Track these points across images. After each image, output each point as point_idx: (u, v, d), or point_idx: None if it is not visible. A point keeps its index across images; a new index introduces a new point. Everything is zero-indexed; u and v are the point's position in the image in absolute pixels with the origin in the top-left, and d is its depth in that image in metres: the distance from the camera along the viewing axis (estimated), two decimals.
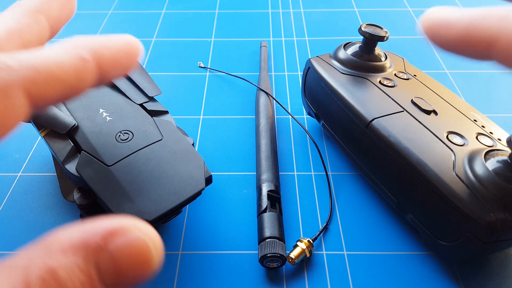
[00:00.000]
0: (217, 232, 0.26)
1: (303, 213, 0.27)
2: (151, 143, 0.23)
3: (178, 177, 0.22)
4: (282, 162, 0.30)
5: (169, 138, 0.24)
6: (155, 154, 0.23)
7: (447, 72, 0.39)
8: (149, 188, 0.21)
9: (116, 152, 0.23)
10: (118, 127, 0.24)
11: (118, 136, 0.23)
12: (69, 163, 0.23)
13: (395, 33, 0.45)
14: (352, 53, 0.29)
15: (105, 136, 0.23)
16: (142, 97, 0.27)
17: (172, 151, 0.23)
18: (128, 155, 0.23)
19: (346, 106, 0.26)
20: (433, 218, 0.22)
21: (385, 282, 0.23)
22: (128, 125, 0.24)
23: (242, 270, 0.24)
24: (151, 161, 0.22)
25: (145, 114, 0.25)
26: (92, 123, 0.24)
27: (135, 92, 0.27)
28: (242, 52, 0.42)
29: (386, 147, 0.24)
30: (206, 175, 0.22)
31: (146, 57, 0.42)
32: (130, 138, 0.23)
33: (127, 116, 0.25)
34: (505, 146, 0.23)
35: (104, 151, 0.23)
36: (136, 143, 0.23)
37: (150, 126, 0.24)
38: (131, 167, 0.22)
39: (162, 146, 0.23)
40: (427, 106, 0.25)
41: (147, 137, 0.24)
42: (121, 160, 0.22)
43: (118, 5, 0.51)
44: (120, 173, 0.22)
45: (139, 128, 0.24)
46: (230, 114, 0.35)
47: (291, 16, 0.48)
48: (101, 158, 0.22)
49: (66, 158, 0.23)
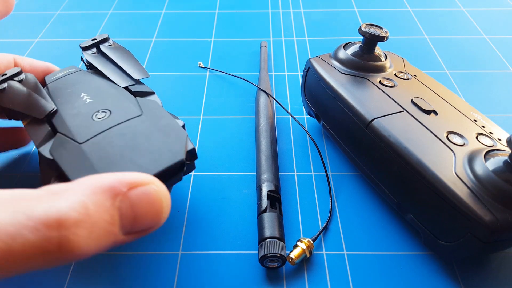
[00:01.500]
0: (217, 232, 0.26)
1: (303, 213, 0.27)
2: (128, 119, 0.22)
3: (153, 149, 0.20)
4: (282, 162, 0.30)
5: (149, 114, 0.22)
6: (131, 129, 0.21)
7: (447, 72, 0.39)
8: (120, 161, 0.19)
9: (90, 130, 0.21)
10: (96, 107, 0.23)
11: (95, 115, 0.22)
12: (43, 146, 0.21)
13: (395, 33, 0.45)
14: (352, 53, 0.29)
15: (81, 116, 0.22)
16: (128, 80, 0.25)
17: (151, 126, 0.21)
18: (102, 131, 0.21)
19: (346, 106, 0.26)
20: (433, 218, 0.22)
21: (385, 282, 0.23)
22: (107, 105, 0.23)
23: (242, 270, 0.24)
24: (125, 135, 0.21)
25: (127, 94, 0.24)
26: (71, 106, 0.23)
27: (120, 76, 0.26)
28: (242, 52, 0.42)
29: (386, 147, 0.24)
30: (187, 148, 0.20)
31: (146, 57, 0.42)
32: (107, 116, 0.22)
33: (107, 97, 0.24)
34: (505, 146, 0.23)
35: (78, 130, 0.21)
36: (112, 119, 0.22)
37: (131, 104, 0.23)
38: (103, 143, 0.21)
39: (140, 121, 0.22)
40: (427, 106, 0.25)
41: (125, 113, 0.22)
42: (94, 137, 0.21)
43: (118, 5, 0.51)
44: (91, 149, 0.20)
45: (118, 107, 0.23)
46: (230, 114, 0.35)
47: (291, 16, 0.48)
48: (74, 137, 0.21)
49: (41, 141, 0.22)
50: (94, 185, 0.14)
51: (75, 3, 0.52)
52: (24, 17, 0.49)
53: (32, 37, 0.45)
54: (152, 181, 0.15)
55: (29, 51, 0.43)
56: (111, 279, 0.23)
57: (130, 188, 0.15)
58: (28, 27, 0.47)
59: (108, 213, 0.14)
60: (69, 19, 0.48)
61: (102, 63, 0.27)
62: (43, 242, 0.12)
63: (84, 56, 0.28)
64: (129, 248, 0.25)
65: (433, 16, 0.49)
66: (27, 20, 0.48)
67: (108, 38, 0.29)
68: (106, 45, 0.29)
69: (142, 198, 0.15)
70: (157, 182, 0.15)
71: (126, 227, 0.15)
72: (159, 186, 0.15)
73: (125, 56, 0.28)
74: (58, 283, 0.23)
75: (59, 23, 0.48)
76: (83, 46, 0.28)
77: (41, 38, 0.45)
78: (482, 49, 0.43)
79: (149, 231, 0.15)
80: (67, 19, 0.48)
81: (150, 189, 0.15)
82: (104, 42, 0.29)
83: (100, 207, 0.14)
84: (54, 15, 0.49)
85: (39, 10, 0.50)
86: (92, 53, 0.28)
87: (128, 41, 0.44)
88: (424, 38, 0.44)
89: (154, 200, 0.15)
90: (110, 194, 0.14)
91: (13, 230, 0.12)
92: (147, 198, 0.15)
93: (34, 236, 0.12)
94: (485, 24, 0.47)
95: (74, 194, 0.14)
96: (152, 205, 0.15)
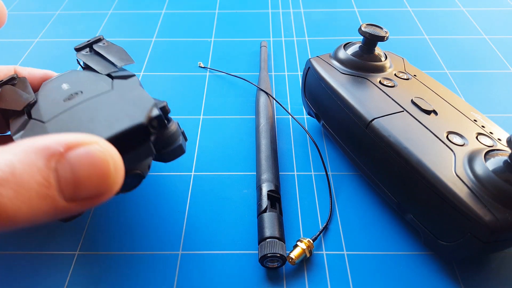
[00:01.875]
0: (217, 232, 0.26)
1: (303, 213, 0.27)
2: (96, 95, 0.21)
3: (110, 118, 0.18)
4: (282, 162, 0.30)
5: (120, 89, 0.21)
6: (96, 103, 0.20)
7: (447, 72, 0.39)
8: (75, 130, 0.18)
9: (57, 109, 0.21)
10: (70, 91, 0.22)
11: (67, 98, 0.22)
12: (17, 134, 0.21)
13: (395, 33, 0.45)
14: (352, 53, 0.29)
15: (54, 100, 0.22)
16: (110, 68, 0.25)
17: (117, 98, 0.20)
18: (68, 109, 0.20)
19: (346, 106, 0.26)
20: (433, 218, 0.22)
21: (385, 282, 0.23)
22: (81, 87, 0.23)
23: (242, 270, 0.24)
24: (88, 109, 0.20)
25: (104, 77, 0.23)
26: (49, 95, 0.23)
27: (104, 65, 0.25)
28: (242, 52, 0.42)
29: (386, 147, 0.24)
30: (151, 113, 0.18)
31: (146, 57, 0.42)
32: (78, 95, 0.22)
33: (84, 83, 0.23)
34: (505, 146, 0.23)
35: (47, 112, 0.21)
36: (82, 98, 0.21)
37: (103, 83, 0.22)
38: (66, 119, 0.20)
39: (108, 96, 0.21)
40: (427, 106, 0.25)
41: (95, 91, 0.22)
42: (59, 115, 0.20)
43: (118, 5, 0.51)
44: (53, 127, 0.19)
45: (90, 87, 0.22)
46: (230, 114, 0.35)
47: (291, 16, 0.48)
48: (41, 118, 0.21)
49: (16, 130, 0.21)
50: (27, 145, 0.13)
51: (75, 3, 0.52)
52: (24, 17, 0.49)
53: (32, 37, 0.45)
54: (96, 141, 0.14)
55: (29, 51, 0.43)
56: (111, 279, 0.23)
57: (69, 148, 0.13)
58: (28, 27, 0.47)
59: (40, 174, 0.13)
60: (69, 19, 0.48)
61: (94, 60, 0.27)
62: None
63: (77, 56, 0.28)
64: (129, 248, 0.25)
65: (433, 16, 0.49)
66: (27, 20, 0.48)
67: (102, 38, 0.29)
68: (100, 45, 0.28)
69: (83, 159, 0.13)
70: (102, 142, 0.14)
71: (67, 192, 0.13)
72: (104, 146, 0.14)
73: (115, 50, 0.27)
74: (58, 283, 0.23)
75: (59, 23, 0.48)
76: (77, 48, 0.28)
77: (41, 38, 0.45)
78: (482, 49, 0.43)
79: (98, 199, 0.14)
80: (67, 19, 0.48)
81: (93, 149, 0.13)
82: (98, 42, 0.29)
83: (30, 166, 0.12)
84: (54, 15, 0.49)
85: (39, 10, 0.50)
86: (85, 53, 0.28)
87: (128, 41, 0.44)
88: (424, 38, 0.44)
89: (98, 162, 0.13)
90: (44, 154, 0.13)
91: None
92: (89, 159, 0.13)
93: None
94: (485, 24, 0.47)
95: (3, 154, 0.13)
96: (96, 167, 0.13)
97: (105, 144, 0.14)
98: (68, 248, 0.25)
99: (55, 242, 0.25)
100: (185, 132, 0.33)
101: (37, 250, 0.25)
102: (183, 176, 0.29)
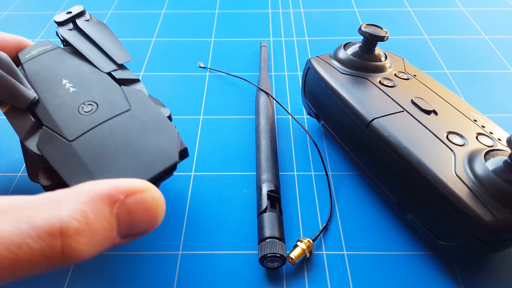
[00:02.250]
0: (217, 232, 0.26)
1: (303, 213, 0.27)
2: (117, 114, 0.21)
3: (146, 150, 0.20)
4: (282, 162, 0.30)
5: (138, 108, 0.22)
6: (121, 126, 0.21)
7: (447, 72, 0.39)
8: (114, 164, 0.19)
9: (78, 126, 0.21)
10: (81, 99, 0.22)
11: (81, 108, 0.22)
12: (29, 140, 0.21)
13: (395, 33, 0.45)
14: (352, 53, 0.29)
15: (67, 109, 0.21)
16: (111, 65, 0.24)
17: (141, 122, 0.21)
18: (91, 128, 0.21)
19: (346, 106, 0.26)
20: (433, 218, 0.22)
21: (385, 282, 0.23)
22: (92, 96, 0.22)
23: (242, 270, 0.24)
24: (116, 133, 0.20)
25: (112, 83, 0.23)
26: (53, 95, 0.22)
27: (102, 59, 0.25)
28: (242, 52, 0.42)
29: (386, 147, 0.24)
30: (180, 148, 0.20)
31: (146, 57, 0.42)
32: (94, 110, 0.21)
33: (92, 86, 0.23)
34: (505, 146, 0.23)
35: (65, 125, 0.21)
36: (100, 114, 0.21)
37: (117, 96, 0.22)
38: (94, 141, 0.20)
39: (129, 117, 0.21)
40: (427, 106, 0.25)
41: (112, 108, 0.21)
42: (84, 134, 0.20)
43: (118, 5, 0.51)
44: (82, 148, 0.20)
45: (104, 99, 0.22)
46: (230, 114, 0.35)
47: (291, 16, 0.48)
48: (62, 133, 0.20)
49: (26, 134, 0.21)
50: (93, 192, 0.15)
51: (75, 3, 0.52)
52: (24, 17, 0.49)
53: (32, 37, 0.45)
54: (148, 188, 0.16)
55: None
56: (111, 279, 0.23)
57: (127, 195, 0.15)
58: (28, 27, 0.47)
59: (106, 220, 0.15)
60: None
61: (81, 41, 0.26)
62: (47, 250, 0.13)
63: (59, 32, 0.26)
64: (129, 248, 0.25)
65: (433, 16, 0.49)
66: (27, 20, 0.48)
67: (84, 11, 0.27)
68: (83, 20, 0.27)
69: (139, 205, 0.15)
70: (153, 188, 0.16)
71: (123, 232, 0.15)
72: (155, 192, 0.16)
73: (105, 34, 0.26)
74: (58, 283, 0.23)
75: None
76: (58, 21, 0.27)
77: (41, 38, 0.45)
78: (482, 49, 0.43)
79: (144, 233, 0.16)
80: None
81: (147, 196, 0.16)
82: (81, 16, 0.27)
83: (99, 215, 0.14)
84: (54, 15, 0.49)
85: (39, 10, 0.50)
86: (68, 29, 0.26)
87: (128, 41, 0.44)
88: (424, 38, 0.44)
89: (150, 207, 0.16)
90: (108, 202, 0.15)
91: (18, 240, 0.13)
92: (143, 205, 0.16)
93: (39, 245, 0.13)
94: (485, 24, 0.47)
95: (74, 203, 0.14)
96: (148, 211, 0.16)
97: (155, 190, 0.16)
98: None
99: None
100: (185, 132, 0.33)
101: None
102: (183, 176, 0.29)
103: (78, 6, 0.27)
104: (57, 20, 0.27)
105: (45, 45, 0.26)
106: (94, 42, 0.26)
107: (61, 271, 0.24)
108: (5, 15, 0.49)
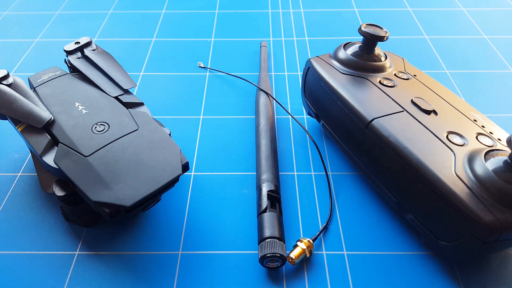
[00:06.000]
0: (217, 232, 0.26)
1: (303, 213, 0.27)
2: (127, 133, 0.24)
3: (155, 164, 0.22)
4: (282, 162, 0.30)
5: (144, 128, 0.24)
6: (131, 144, 0.23)
7: (447, 72, 0.39)
8: (127, 175, 0.22)
9: (92, 143, 0.23)
10: (94, 119, 0.25)
11: (94, 128, 0.24)
12: (46, 156, 0.23)
13: (395, 33, 0.45)
14: (352, 53, 0.29)
15: (81, 128, 0.24)
16: (117, 90, 0.27)
17: (148, 140, 0.24)
18: (105, 145, 0.23)
19: (346, 106, 0.26)
20: (433, 218, 0.22)
21: (385, 282, 0.23)
22: (103, 117, 0.25)
23: (242, 270, 0.24)
24: (127, 150, 0.23)
25: (120, 106, 0.26)
26: (68, 116, 0.25)
27: (109, 85, 0.28)
28: (242, 52, 0.42)
29: (386, 147, 0.24)
30: (182, 162, 0.23)
31: (146, 57, 0.42)
32: (106, 129, 0.24)
33: (102, 109, 0.25)
34: (505, 146, 0.23)
35: (81, 142, 0.23)
36: (112, 133, 0.24)
37: (126, 117, 0.25)
38: (108, 157, 0.22)
39: (138, 136, 0.24)
40: (427, 106, 0.25)
41: (123, 127, 0.24)
42: (98, 150, 0.23)
43: (118, 5, 0.51)
44: (97, 162, 0.22)
45: (115, 120, 0.25)
46: (230, 114, 0.35)
47: (291, 16, 0.48)
48: (78, 149, 0.23)
49: (44, 151, 0.23)
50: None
51: (75, 3, 0.52)
52: (24, 17, 0.49)
53: (32, 37, 0.45)
54: None
55: (29, 51, 0.43)
56: (111, 279, 0.23)
57: None
58: (28, 27, 0.47)
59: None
60: (69, 19, 0.48)
61: (89, 69, 0.29)
62: None
63: (69, 59, 0.29)
64: (129, 248, 0.25)
65: (433, 16, 0.49)
66: (27, 20, 0.48)
67: (91, 42, 0.30)
68: (89, 49, 0.30)
69: None
70: None
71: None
72: None
73: (110, 63, 0.29)
74: (58, 283, 0.23)
75: (59, 23, 0.48)
76: (67, 50, 0.30)
77: (41, 38, 0.45)
78: (482, 49, 0.43)
79: None
80: (67, 19, 0.48)
81: None
82: (88, 46, 0.30)
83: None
84: (54, 15, 0.49)
85: (39, 10, 0.50)
86: (76, 57, 0.29)
87: (128, 41, 0.44)
88: (424, 38, 0.44)
89: None
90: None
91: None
92: None
93: None
94: (485, 24, 0.47)
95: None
96: None
97: None
98: (68, 248, 0.25)
99: (55, 242, 0.25)
100: (185, 132, 0.33)
101: (37, 250, 0.25)
102: (183, 176, 0.29)
103: (85, 38, 0.30)
104: (66, 49, 0.30)
105: (55, 71, 0.29)
106: (101, 69, 0.29)
107: (61, 271, 0.24)
108: (5, 15, 0.49)
